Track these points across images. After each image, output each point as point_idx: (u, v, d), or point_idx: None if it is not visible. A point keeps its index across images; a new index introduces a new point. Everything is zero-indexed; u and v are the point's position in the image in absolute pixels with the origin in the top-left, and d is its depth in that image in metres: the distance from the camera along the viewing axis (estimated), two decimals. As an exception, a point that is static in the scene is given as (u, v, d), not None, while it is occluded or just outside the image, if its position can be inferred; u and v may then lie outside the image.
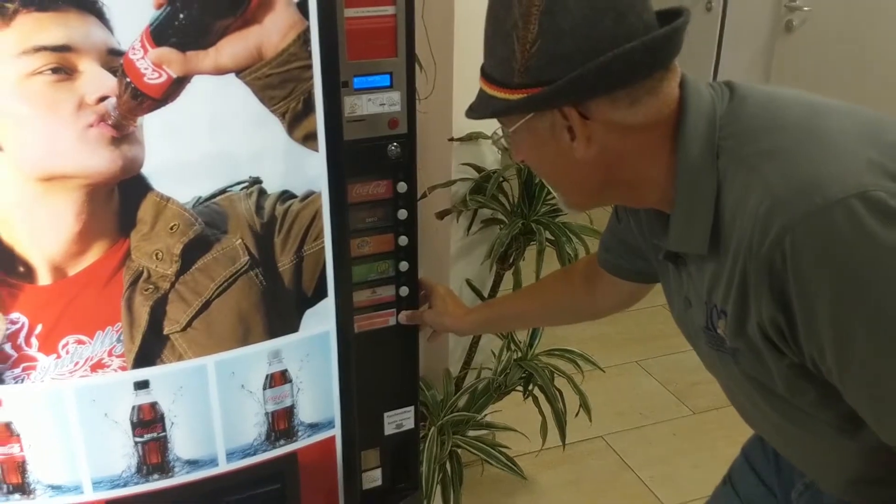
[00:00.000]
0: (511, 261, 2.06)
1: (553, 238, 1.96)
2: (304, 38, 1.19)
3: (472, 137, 1.97)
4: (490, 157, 2.03)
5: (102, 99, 1.10)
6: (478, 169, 2.00)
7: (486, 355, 2.17)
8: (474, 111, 0.99)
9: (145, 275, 1.20)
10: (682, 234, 0.92)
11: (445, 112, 1.94)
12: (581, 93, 0.88)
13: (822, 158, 0.82)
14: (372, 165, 1.35)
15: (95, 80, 1.08)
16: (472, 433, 2.00)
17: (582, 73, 0.85)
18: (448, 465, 1.92)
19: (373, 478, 1.60)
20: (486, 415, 2.04)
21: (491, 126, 1.81)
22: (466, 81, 1.93)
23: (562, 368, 2.10)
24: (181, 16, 1.10)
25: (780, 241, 0.79)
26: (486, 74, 0.96)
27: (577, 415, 2.09)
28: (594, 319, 1.47)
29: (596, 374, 2.28)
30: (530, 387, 2.06)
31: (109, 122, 1.11)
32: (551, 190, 1.05)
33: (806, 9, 3.41)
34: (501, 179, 1.98)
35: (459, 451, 1.97)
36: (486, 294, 2.11)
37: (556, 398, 2.04)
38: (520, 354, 2.08)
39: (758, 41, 3.72)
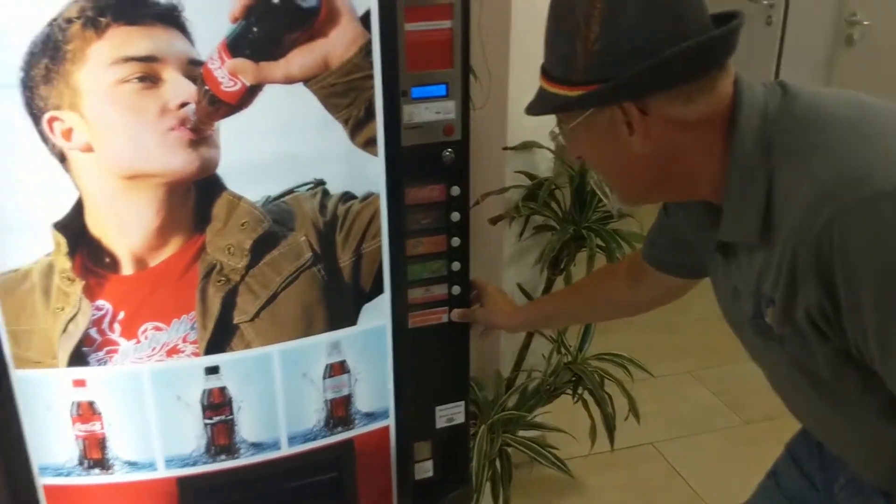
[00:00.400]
0: (562, 266, 2.12)
1: (604, 244, 2.01)
2: (366, 49, 1.28)
3: (525, 146, 2.05)
4: (543, 166, 2.09)
5: (183, 105, 1.20)
6: (530, 176, 2.07)
7: (536, 358, 2.22)
8: (534, 109, 1.04)
9: (218, 268, 1.31)
10: (734, 225, 0.97)
11: (500, 121, 2.02)
12: (640, 89, 0.93)
13: (870, 153, 0.87)
14: (427, 170, 1.43)
15: (177, 88, 1.19)
16: (521, 433, 2.06)
17: (641, 71, 0.91)
18: (498, 463, 1.98)
19: (424, 469, 1.67)
20: (535, 415, 2.10)
21: (545, 134, 1.89)
22: (521, 92, 2.00)
23: (611, 373, 2.15)
24: (254, 29, 1.20)
25: (828, 229, 0.84)
26: (546, 72, 1.01)
27: (626, 419, 2.13)
28: (636, 314, 1.52)
29: (647, 382, 2.31)
30: (580, 390, 2.12)
31: (189, 126, 1.21)
32: (607, 184, 1.08)
33: (866, 23, 3.39)
34: (554, 187, 2.04)
35: (509, 450, 2.03)
36: (537, 297, 2.17)
37: (605, 402, 2.09)
38: (570, 358, 2.14)
39: (817, 55, 3.70)
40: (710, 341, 3.09)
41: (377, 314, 1.47)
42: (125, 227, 1.25)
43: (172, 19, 1.16)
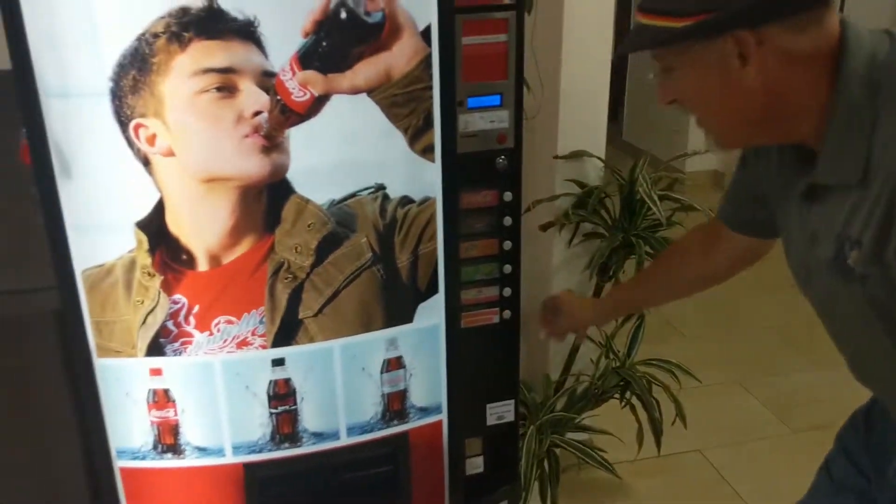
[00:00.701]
0: (611, 273, 2.17)
1: (652, 252, 2.06)
2: (426, 62, 1.36)
3: (575, 155, 2.11)
4: (593, 174, 2.16)
5: (257, 113, 1.30)
6: (580, 185, 2.13)
7: (584, 363, 2.28)
8: (630, 45, 1.03)
9: (286, 266, 1.39)
10: (834, 166, 0.97)
11: (551, 131, 2.09)
12: (758, 16, 0.92)
13: None
14: (481, 176, 1.51)
15: (252, 98, 1.29)
16: (569, 435, 2.11)
17: None
18: (546, 463, 2.04)
19: (475, 465, 1.74)
20: (583, 418, 2.15)
21: (594, 144, 1.95)
22: (571, 103, 2.07)
23: (659, 378, 2.19)
24: (324, 44, 1.29)
25: None
26: (646, 7, 1.00)
27: (672, 424, 2.17)
28: (716, 284, 1.49)
29: (695, 390, 2.34)
30: (627, 395, 2.16)
31: (262, 134, 1.31)
32: (705, 127, 1.07)
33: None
34: (603, 195, 2.10)
35: (558, 451, 2.09)
36: (586, 304, 2.22)
37: (652, 407, 2.13)
38: (618, 363, 2.19)
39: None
40: (759, 352, 3.11)
41: (432, 313, 1.54)
42: (202, 227, 1.34)
43: (249, 34, 1.25)
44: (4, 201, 1.83)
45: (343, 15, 1.28)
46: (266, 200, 1.35)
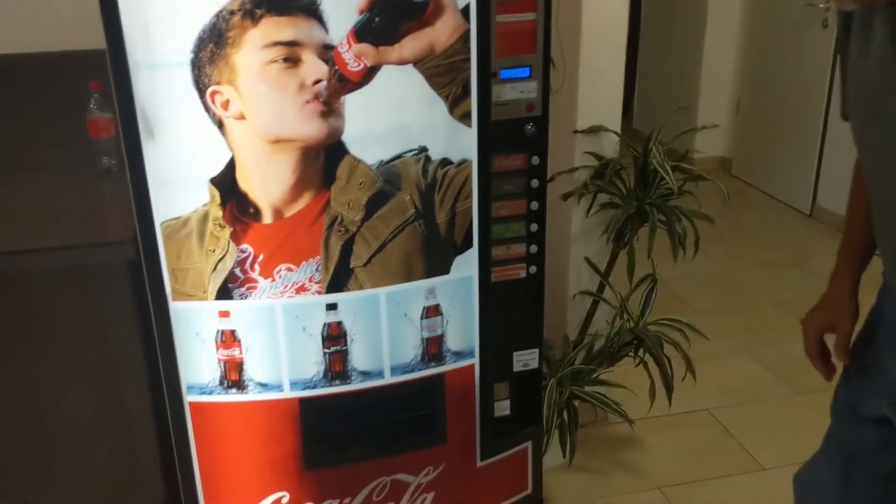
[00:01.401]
0: (626, 240, 2.34)
1: (664, 219, 2.23)
2: (465, 37, 1.53)
3: (594, 129, 2.28)
4: (609, 148, 2.32)
5: (317, 82, 1.47)
6: (598, 157, 2.29)
7: (601, 325, 2.44)
8: None
9: (339, 219, 1.57)
10: None
11: (571, 107, 2.26)
12: None
13: None
14: (512, 141, 1.67)
15: (313, 68, 1.46)
16: (588, 389, 2.28)
17: None
18: (566, 413, 2.21)
19: (502, 407, 1.91)
20: (600, 373, 2.31)
21: (611, 119, 2.11)
22: (589, 80, 2.24)
23: (670, 337, 2.35)
24: (377, 20, 1.46)
25: None
26: None
27: (683, 379, 2.34)
28: None
29: (703, 357, 2.49)
30: (640, 352, 2.33)
31: (321, 100, 1.48)
32: None
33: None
34: (619, 167, 2.27)
35: (577, 403, 2.25)
36: (602, 269, 2.39)
37: (664, 363, 2.30)
38: (632, 323, 2.35)
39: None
40: (763, 324, 3.28)
41: (467, 266, 1.71)
42: (267, 183, 1.52)
43: (312, 11, 1.43)
44: (80, 173, 2.02)
45: (394, -6, 1.45)
46: (323, 160, 1.52)
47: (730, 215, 4.35)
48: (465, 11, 1.52)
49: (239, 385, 1.66)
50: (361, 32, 1.46)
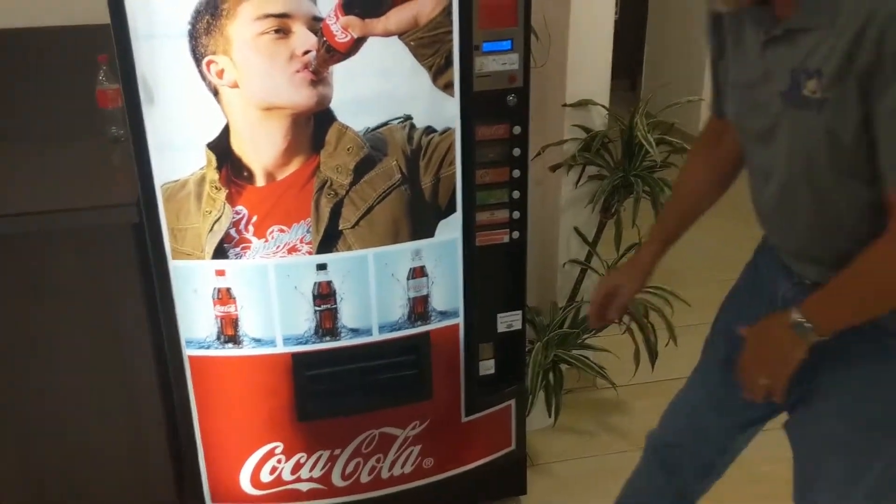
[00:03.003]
0: (613, 210, 2.42)
1: (649, 189, 2.31)
2: (448, 10, 1.61)
3: (582, 103, 2.35)
4: (598, 121, 2.40)
5: (306, 52, 1.55)
6: (586, 130, 2.37)
7: (590, 293, 2.53)
8: None
9: (329, 183, 1.66)
10: (810, 12, 1.15)
11: (560, 81, 2.33)
12: None
13: None
14: (494, 111, 1.75)
15: (303, 39, 1.54)
16: (573, 352, 2.37)
17: None
18: (551, 375, 2.30)
19: (487, 367, 2.01)
20: (585, 338, 2.40)
21: (599, 92, 2.18)
22: (578, 55, 2.31)
23: (655, 304, 2.44)
24: (363, -7, 1.55)
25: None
26: None
27: (666, 345, 2.43)
28: (734, 177, 1.54)
29: (687, 328, 2.56)
30: (626, 319, 2.41)
31: (310, 69, 1.57)
32: None
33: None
34: (606, 140, 2.35)
35: (563, 368, 2.35)
36: (591, 238, 2.48)
37: (647, 328, 2.38)
38: (617, 291, 2.43)
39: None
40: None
41: (451, 229, 1.80)
42: (260, 148, 1.61)
43: (302, -15, 1.52)
44: (90, 141, 2.12)
45: (379, -31, 1.53)
46: (313, 126, 1.61)
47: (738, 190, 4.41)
48: (448, -15, 1.60)
49: (235, 340, 1.76)
50: (349, 5, 1.54)
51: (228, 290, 1.72)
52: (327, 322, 1.78)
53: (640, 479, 1.74)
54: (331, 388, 1.85)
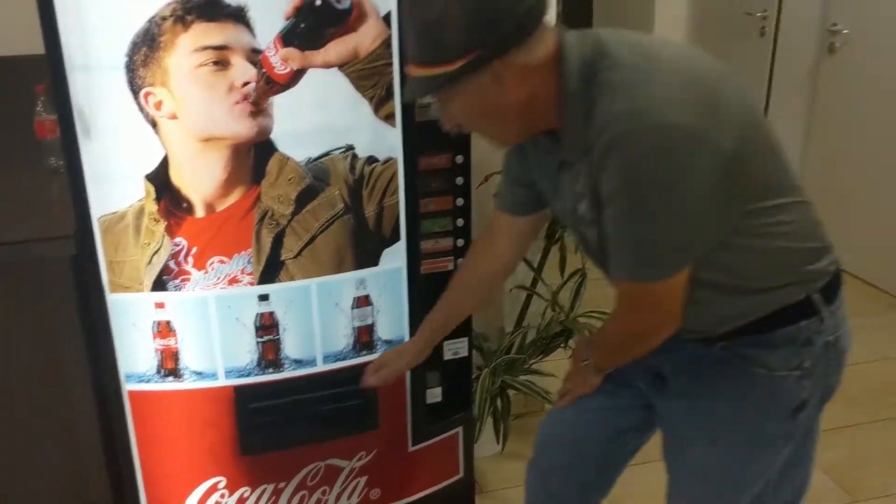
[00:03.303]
0: (557, 237, 2.45)
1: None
2: (387, 43, 1.62)
3: (525, 132, 2.39)
4: (540, 149, 2.43)
5: (246, 84, 1.55)
6: (529, 158, 2.40)
7: (536, 318, 2.55)
8: (417, 92, 1.30)
9: (270, 213, 1.66)
10: (570, 144, 1.29)
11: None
12: (504, 47, 1.20)
13: (647, 93, 1.19)
14: (436, 141, 1.76)
15: (242, 71, 1.55)
16: (520, 378, 2.39)
17: (506, 32, 1.18)
18: (499, 401, 2.31)
19: (434, 394, 2.01)
20: (532, 363, 2.42)
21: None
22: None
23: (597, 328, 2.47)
24: (302, 26, 1.55)
25: (614, 144, 1.18)
26: (419, 61, 1.25)
27: (611, 370, 2.45)
28: (510, 270, 1.73)
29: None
30: (570, 343, 2.44)
31: (250, 101, 1.56)
32: (485, 137, 1.41)
33: (845, 31, 3.70)
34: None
35: (511, 394, 2.36)
36: (536, 264, 2.50)
37: (593, 354, 2.41)
38: (563, 316, 2.46)
39: (805, 62, 4.01)
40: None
41: (395, 258, 1.81)
42: (199, 179, 1.60)
43: (240, 17, 1.52)
44: (24, 171, 2.09)
45: (318, 2, 1.54)
46: (253, 157, 1.61)
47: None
48: (388, 18, 1.62)
49: (175, 373, 1.74)
50: (288, 37, 1.55)
51: (168, 322, 1.70)
52: (270, 353, 1.77)
53: None
54: (274, 421, 1.83)
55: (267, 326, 1.74)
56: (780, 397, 1.36)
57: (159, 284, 1.66)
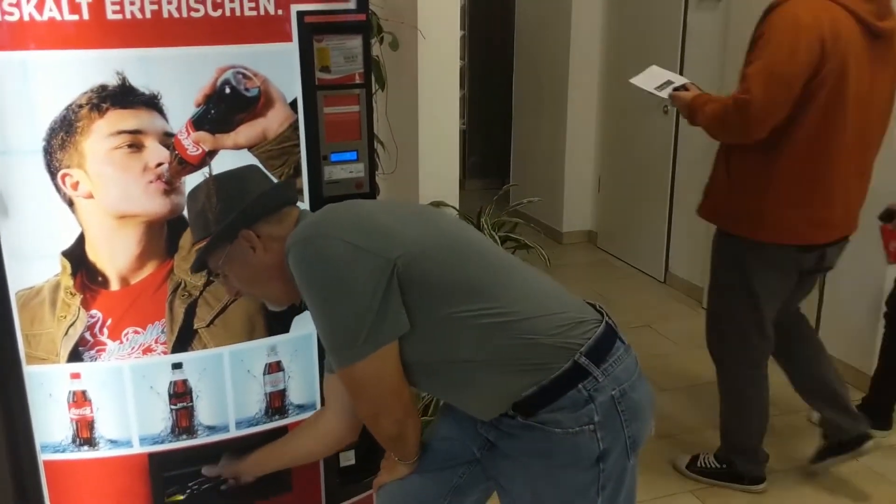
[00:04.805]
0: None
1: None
2: (294, 126, 1.76)
3: (436, 204, 2.54)
4: (449, 221, 2.58)
5: (159, 164, 1.67)
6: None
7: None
8: (195, 264, 1.57)
9: (183, 285, 1.75)
10: None
11: (413, 185, 2.52)
12: (251, 219, 1.49)
13: (321, 221, 1.46)
14: (344, 215, 1.90)
15: (155, 152, 1.66)
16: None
17: (249, 206, 1.50)
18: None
19: (347, 457, 2.08)
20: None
21: (450, 195, 2.34)
22: (428, 161, 2.51)
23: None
24: (212, 111, 1.68)
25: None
26: (196, 240, 1.57)
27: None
28: (352, 435, 1.75)
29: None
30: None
31: (163, 180, 1.67)
32: (264, 300, 1.66)
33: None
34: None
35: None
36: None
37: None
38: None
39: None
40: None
41: (305, 324, 1.90)
42: (114, 254, 1.69)
43: (154, 104, 1.64)
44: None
45: (227, 90, 1.68)
46: (167, 232, 1.71)
47: (594, 282, 4.67)
48: (294, 104, 1.76)
49: (90, 442, 1.79)
50: (199, 122, 1.68)
51: (84, 392, 1.76)
52: (183, 420, 1.83)
53: None
54: (189, 487, 1.88)
55: (180, 394, 1.81)
56: (581, 450, 1.45)
57: (75, 355, 1.72)
